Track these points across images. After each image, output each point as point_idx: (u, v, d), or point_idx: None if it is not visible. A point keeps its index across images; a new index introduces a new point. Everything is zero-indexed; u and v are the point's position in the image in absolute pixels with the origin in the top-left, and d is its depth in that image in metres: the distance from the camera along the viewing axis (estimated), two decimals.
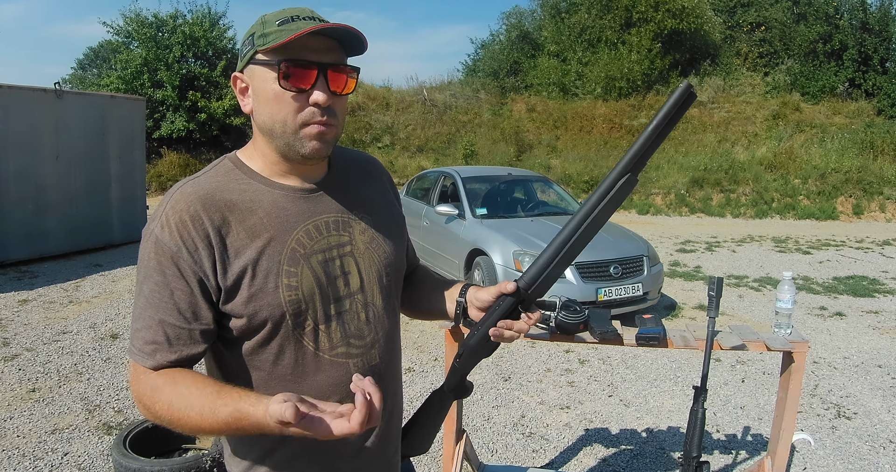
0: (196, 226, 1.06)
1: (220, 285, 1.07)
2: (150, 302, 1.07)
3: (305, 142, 1.10)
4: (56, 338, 5.23)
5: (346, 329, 1.18)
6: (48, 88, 8.10)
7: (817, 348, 5.39)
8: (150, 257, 1.07)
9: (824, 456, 3.51)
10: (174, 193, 1.11)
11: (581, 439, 3.68)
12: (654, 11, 19.81)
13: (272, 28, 1.06)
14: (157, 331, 1.07)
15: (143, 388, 1.06)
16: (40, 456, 3.35)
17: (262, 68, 1.09)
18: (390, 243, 1.29)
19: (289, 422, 0.85)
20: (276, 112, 1.08)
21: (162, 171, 17.01)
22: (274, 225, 1.12)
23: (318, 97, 1.07)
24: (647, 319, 2.32)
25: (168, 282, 1.06)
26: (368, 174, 1.35)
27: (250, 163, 1.18)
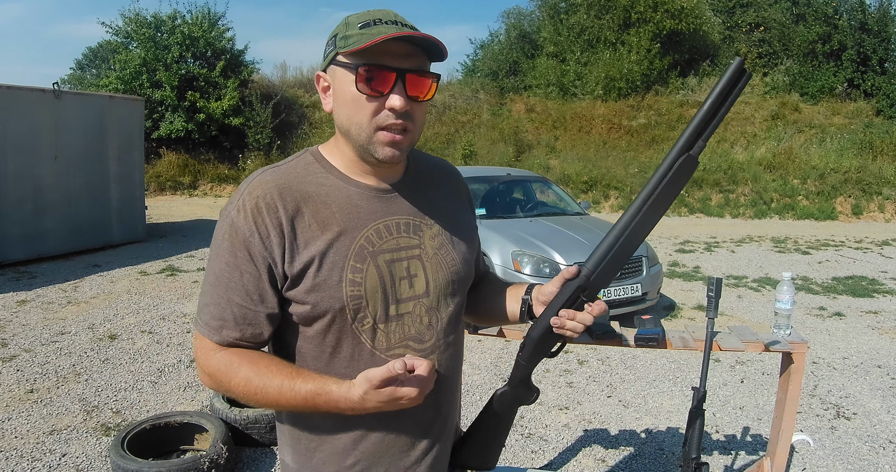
0: (270, 213, 1.09)
1: (286, 273, 1.10)
2: (219, 280, 1.11)
3: (379, 147, 1.11)
4: (54, 339, 5.22)
5: (405, 331, 1.19)
6: (47, 89, 8.09)
7: (816, 349, 5.38)
8: (223, 237, 1.11)
9: (823, 457, 3.51)
10: (253, 179, 1.14)
11: (580, 439, 3.68)
12: (652, 12, 19.79)
13: (354, 31, 1.07)
14: (224, 309, 1.12)
15: (217, 363, 1.12)
16: (38, 457, 3.34)
17: (342, 70, 1.10)
18: (459, 251, 1.29)
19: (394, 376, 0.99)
20: (352, 114, 1.10)
21: (161, 171, 16.99)
22: (345, 220, 1.14)
23: (394, 102, 1.07)
24: (646, 320, 2.31)
25: (238, 264, 1.10)
26: (445, 181, 1.35)
27: (330, 158, 1.21)
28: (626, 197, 15.88)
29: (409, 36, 1.04)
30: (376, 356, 1.16)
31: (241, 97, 17.64)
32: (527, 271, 5.63)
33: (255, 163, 17.48)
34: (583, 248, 5.85)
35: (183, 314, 6.02)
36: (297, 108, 18.97)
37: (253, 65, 19.01)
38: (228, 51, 18.16)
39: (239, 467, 3.30)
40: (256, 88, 18.56)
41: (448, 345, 1.26)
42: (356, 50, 1.04)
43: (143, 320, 5.79)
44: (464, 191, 1.40)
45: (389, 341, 1.17)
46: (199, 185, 17.20)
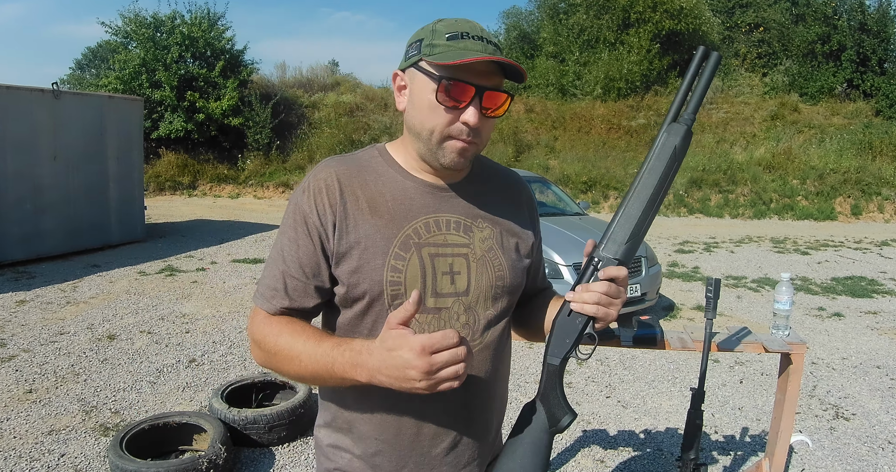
0: (329, 194, 1.17)
1: (334, 249, 1.17)
2: (280, 254, 1.19)
3: (447, 154, 1.16)
4: (53, 339, 5.22)
5: (441, 326, 1.19)
6: (46, 89, 8.09)
7: (815, 349, 5.38)
8: (288, 215, 1.21)
9: (822, 457, 3.51)
10: (321, 164, 1.23)
11: (578, 440, 3.68)
12: (652, 12, 19.80)
13: (441, 40, 1.11)
14: (278, 280, 1.19)
15: (262, 330, 1.18)
16: (37, 457, 3.34)
17: (423, 77, 1.13)
18: (509, 257, 1.29)
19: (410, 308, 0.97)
20: (426, 120, 1.14)
21: (160, 171, 16.99)
22: (396, 209, 1.20)
23: (469, 117, 1.11)
24: (645, 320, 2.31)
25: (297, 238, 1.18)
26: (507, 191, 1.36)
27: (395, 154, 1.26)
28: None
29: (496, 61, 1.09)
30: None
31: (241, 97, 17.64)
32: None
33: (255, 163, 17.48)
34: (582, 248, 5.82)
35: (182, 315, 6.02)
36: (296, 108, 18.97)
37: (252, 65, 19.02)
38: (228, 51, 18.16)
39: (237, 467, 3.29)
40: (256, 88, 18.56)
41: (485, 347, 1.25)
42: (444, 64, 1.08)
43: (141, 321, 5.79)
44: (526, 201, 1.40)
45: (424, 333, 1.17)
46: (199, 185, 17.20)
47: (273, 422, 3.45)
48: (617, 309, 1.15)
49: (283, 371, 1.15)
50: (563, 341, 1.17)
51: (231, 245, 9.86)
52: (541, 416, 1.17)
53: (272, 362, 1.16)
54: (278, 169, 17.53)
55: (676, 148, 1.14)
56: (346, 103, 19.29)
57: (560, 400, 1.17)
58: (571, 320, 1.16)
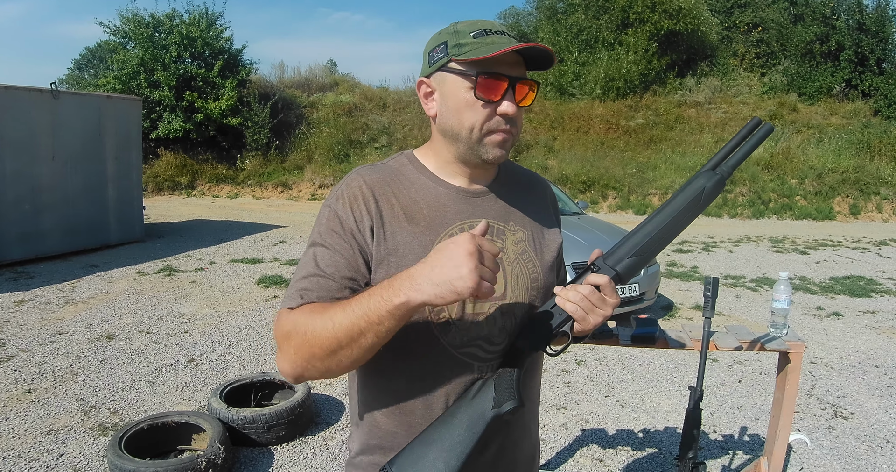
0: (365, 201, 1.17)
1: (373, 256, 1.15)
2: (311, 262, 1.15)
3: (489, 148, 1.17)
4: (52, 339, 5.21)
5: (479, 331, 1.19)
6: (44, 89, 8.08)
7: (814, 348, 5.39)
8: (323, 223, 1.19)
9: (821, 456, 3.51)
10: (353, 173, 1.23)
11: (577, 439, 3.68)
12: (650, 12, 19.81)
13: (467, 39, 1.12)
14: (311, 281, 1.14)
15: (293, 319, 1.09)
16: (35, 457, 3.33)
17: (455, 77, 1.14)
18: (542, 259, 1.30)
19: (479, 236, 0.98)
20: (465, 119, 1.15)
21: (159, 171, 16.98)
22: (432, 216, 1.20)
23: (507, 108, 1.13)
24: (643, 319, 2.31)
25: (332, 243, 1.15)
26: (532, 191, 1.37)
27: (424, 161, 1.26)
28: (624, 197, 15.89)
29: (525, 48, 1.10)
30: (448, 352, 1.17)
31: (239, 97, 17.63)
32: None
33: (253, 163, 17.48)
34: (580, 248, 5.84)
35: (181, 314, 6.01)
36: (294, 108, 18.96)
37: (251, 65, 19.01)
38: (226, 51, 18.14)
39: (236, 467, 3.29)
40: (254, 88, 18.55)
41: None
42: (477, 59, 1.09)
43: (140, 320, 5.78)
44: (551, 202, 1.41)
45: (462, 339, 1.18)
46: (197, 185, 17.19)
47: (272, 422, 3.45)
48: (597, 318, 1.14)
49: (319, 346, 1.03)
50: (537, 331, 1.18)
51: (230, 245, 9.86)
52: (487, 395, 1.14)
53: (305, 343, 1.05)
54: (277, 169, 17.52)
55: (705, 190, 1.16)
56: (344, 103, 19.28)
57: (512, 385, 1.14)
58: (553, 313, 1.18)
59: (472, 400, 1.14)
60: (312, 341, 1.04)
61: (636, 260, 1.16)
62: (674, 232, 1.17)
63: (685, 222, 1.17)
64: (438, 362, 1.18)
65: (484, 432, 1.11)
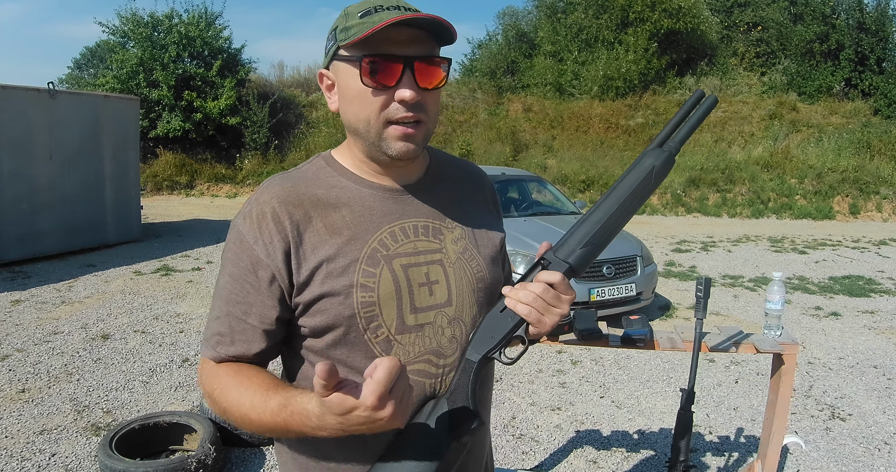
0: (275, 219, 1.03)
1: (292, 281, 1.03)
2: (222, 293, 1.06)
3: (391, 142, 1.03)
4: (47, 339, 5.21)
5: (426, 344, 1.07)
6: (42, 88, 8.07)
7: (812, 349, 5.37)
8: (229, 247, 1.06)
9: (818, 458, 3.49)
10: (263, 185, 1.09)
11: (572, 440, 3.66)
12: (650, 11, 19.77)
13: (354, 21, 0.99)
14: (223, 323, 1.05)
15: (210, 382, 1.04)
16: (28, 457, 3.33)
17: (345, 65, 1.02)
18: (485, 255, 1.18)
19: (323, 383, 0.76)
20: (359, 111, 1.03)
21: (158, 171, 16.97)
22: (357, 223, 1.07)
23: (403, 94, 0.99)
24: (634, 320, 2.29)
25: (240, 275, 1.03)
26: (468, 183, 1.26)
27: (342, 161, 1.14)
28: None
29: (413, 19, 0.96)
30: None
31: (238, 97, 17.61)
32: (521, 271, 5.61)
33: (252, 162, 17.46)
34: None
35: (176, 314, 6.00)
36: (294, 107, 18.94)
37: (250, 64, 18.98)
38: (225, 50, 18.13)
39: (227, 467, 3.28)
40: (253, 88, 18.53)
41: None
42: (357, 40, 0.97)
43: (136, 320, 5.77)
44: (490, 194, 1.30)
45: (408, 355, 1.06)
46: (196, 184, 17.18)
47: None
48: (553, 318, 1.03)
49: (242, 425, 0.99)
50: (488, 337, 1.06)
51: None
52: (443, 416, 1.03)
53: (226, 418, 1.02)
54: (276, 169, 17.50)
55: (654, 168, 1.06)
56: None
57: (469, 401, 1.04)
58: (503, 316, 1.06)
59: (427, 423, 1.03)
60: (235, 419, 0.99)
61: (589, 250, 1.05)
62: (626, 217, 1.07)
63: (637, 205, 1.08)
64: None
65: (444, 456, 1.00)
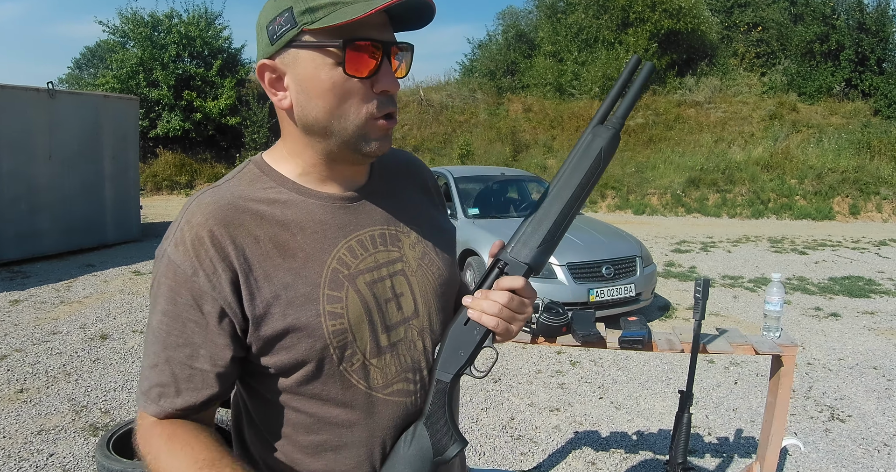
0: (215, 244, 0.87)
1: (246, 315, 0.88)
2: (157, 336, 0.89)
3: (371, 139, 0.92)
4: (46, 338, 5.20)
5: (402, 362, 0.99)
6: (41, 88, 8.08)
7: (812, 350, 5.36)
8: (160, 282, 0.89)
9: (817, 459, 3.49)
10: (190, 204, 0.92)
11: (570, 442, 3.65)
12: (650, 11, 19.77)
13: (318, 1, 0.84)
14: (163, 371, 0.89)
15: (144, 444, 0.89)
16: (25, 457, 3.32)
17: (310, 52, 0.87)
18: (442, 257, 1.09)
19: None
20: (335, 105, 0.88)
21: (157, 170, 16.97)
22: (311, 242, 0.93)
23: (388, 84, 0.89)
24: (633, 321, 2.29)
25: (180, 312, 0.88)
26: (412, 177, 1.14)
27: (280, 167, 0.98)
28: (623, 197, 15.86)
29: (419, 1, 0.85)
30: (373, 397, 0.96)
31: (238, 96, 17.62)
32: None
33: None
34: (576, 248, 5.82)
35: None
36: None
37: (250, 64, 19.00)
38: (225, 50, 18.16)
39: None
40: (253, 88, 18.54)
41: None
42: (346, 23, 0.82)
43: (134, 320, 5.77)
44: (431, 184, 1.19)
45: (386, 378, 0.97)
46: (196, 184, 17.17)
47: None
48: (520, 324, 0.99)
49: None
50: (456, 354, 1.00)
51: None
52: (424, 442, 0.98)
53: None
54: None
55: (603, 150, 0.98)
56: None
57: (448, 424, 0.99)
58: (468, 330, 0.99)
59: (409, 452, 0.98)
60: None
61: (547, 247, 0.99)
62: (580, 207, 1.00)
63: (588, 192, 1.00)
64: (367, 412, 0.97)
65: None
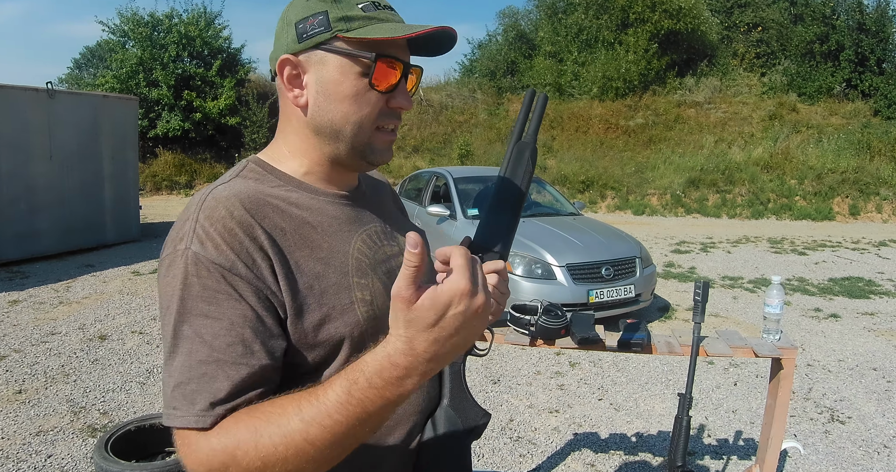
0: (248, 233, 0.85)
1: (286, 305, 0.86)
2: (196, 344, 0.80)
3: (378, 150, 0.97)
4: (44, 339, 5.19)
5: None
6: (40, 88, 8.07)
7: (812, 351, 5.36)
8: (187, 284, 0.81)
9: (817, 461, 3.48)
10: (203, 200, 0.88)
11: (570, 443, 3.65)
12: (650, 12, 19.78)
13: (355, 12, 0.90)
14: (213, 379, 0.79)
15: (222, 443, 0.77)
16: (24, 458, 3.31)
17: (341, 59, 0.91)
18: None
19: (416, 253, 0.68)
20: (352, 112, 0.93)
21: (157, 170, 16.97)
22: (329, 234, 0.96)
23: (403, 102, 0.96)
24: (632, 324, 2.28)
25: (224, 311, 0.81)
26: (382, 189, 1.23)
27: (282, 167, 1.00)
28: (623, 197, 15.86)
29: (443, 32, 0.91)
30: None
31: (238, 97, 17.62)
32: (518, 272, 5.59)
33: None
34: (575, 248, 5.82)
35: None
36: None
37: (250, 64, 19.02)
38: (225, 50, 18.15)
39: None
40: (253, 88, 18.54)
41: None
42: (383, 39, 0.89)
43: (133, 321, 5.76)
44: (396, 197, 1.30)
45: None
46: (196, 184, 17.17)
47: None
48: (503, 303, 1.06)
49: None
50: None
51: None
52: (455, 423, 1.04)
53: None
54: None
55: (529, 158, 1.07)
56: None
57: (472, 401, 1.06)
58: None
59: (445, 434, 1.02)
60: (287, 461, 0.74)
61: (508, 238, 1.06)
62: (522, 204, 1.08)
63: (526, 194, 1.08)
64: None
65: (469, 458, 1.05)
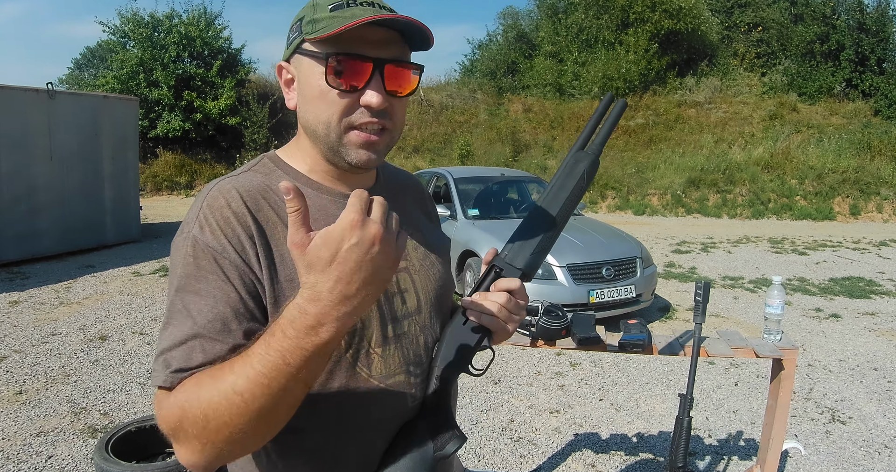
0: (241, 222, 0.91)
1: (268, 293, 0.91)
2: (183, 313, 0.87)
3: (351, 149, 0.96)
4: (45, 340, 5.19)
5: (404, 354, 1.03)
6: (40, 89, 8.07)
7: (812, 351, 5.35)
8: (185, 262, 0.89)
9: (818, 462, 3.48)
10: (209, 190, 0.95)
11: (570, 444, 3.64)
12: (650, 12, 19.77)
13: (323, 13, 0.92)
14: (192, 348, 0.85)
15: (178, 401, 0.82)
16: (24, 459, 3.31)
17: (309, 60, 0.94)
18: (441, 262, 1.16)
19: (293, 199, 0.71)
20: (320, 112, 0.94)
21: (157, 171, 16.97)
22: None
23: (370, 98, 0.92)
24: (632, 324, 2.28)
25: (210, 290, 0.87)
26: (412, 192, 1.23)
27: (294, 163, 1.04)
28: (623, 197, 15.86)
29: (390, 19, 0.90)
30: (375, 386, 0.99)
31: (238, 97, 17.62)
32: None
33: None
34: (576, 249, 5.81)
35: None
36: None
37: (250, 64, 19.03)
38: (225, 50, 18.16)
39: (223, 469, 3.26)
40: (253, 88, 18.54)
41: None
42: (326, 36, 0.89)
43: (134, 321, 5.76)
44: (428, 199, 1.30)
45: (389, 368, 1.00)
46: (196, 184, 17.17)
47: None
48: (515, 325, 1.05)
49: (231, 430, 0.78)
50: (455, 353, 1.04)
51: None
52: (424, 439, 1.01)
53: (211, 429, 0.78)
54: None
55: (585, 172, 1.07)
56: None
57: (450, 420, 1.03)
58: (466, 329, 1.04)
59: (409, 447, 1.00)
60: (219, 425, 0.78)
61: (539, 256, 1.06)
62: (566, 218, 1.08)
63: (572, 208, 1.09)
64: (367, 400, 0.99)
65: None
